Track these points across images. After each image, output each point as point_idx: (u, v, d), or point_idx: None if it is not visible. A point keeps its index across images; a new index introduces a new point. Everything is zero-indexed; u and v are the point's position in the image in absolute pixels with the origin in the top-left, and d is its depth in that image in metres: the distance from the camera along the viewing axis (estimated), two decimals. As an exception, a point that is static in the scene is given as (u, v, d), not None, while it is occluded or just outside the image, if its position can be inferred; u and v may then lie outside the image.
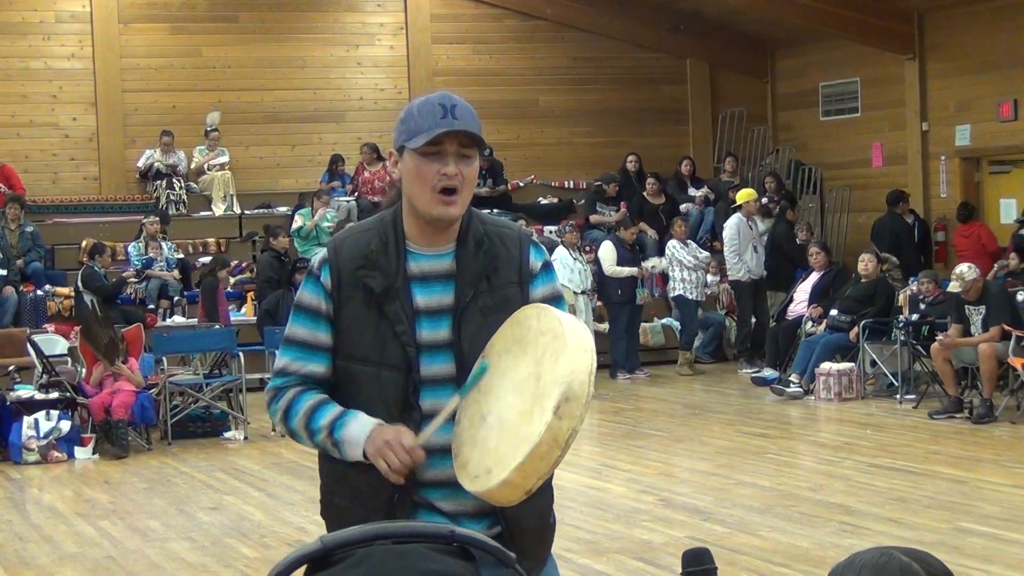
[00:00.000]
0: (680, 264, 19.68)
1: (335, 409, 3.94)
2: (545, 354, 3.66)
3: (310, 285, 4.03)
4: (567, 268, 18.85)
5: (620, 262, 19.22)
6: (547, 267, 4.12)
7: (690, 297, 19.73)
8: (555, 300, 4.03)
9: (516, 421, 3.63)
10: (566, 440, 3.54)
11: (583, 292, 19.01)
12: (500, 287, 3.99)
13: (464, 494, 3.82)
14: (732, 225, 19.76)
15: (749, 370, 19.07)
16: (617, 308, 19.44)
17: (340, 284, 3.97)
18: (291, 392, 4.01)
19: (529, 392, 3.64)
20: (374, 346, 3.89)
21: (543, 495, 3.97)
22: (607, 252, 19.36)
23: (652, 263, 20.67)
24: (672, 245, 19.88)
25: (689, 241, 20.19)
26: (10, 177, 20.84)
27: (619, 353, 19.46)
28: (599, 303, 19.96)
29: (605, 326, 19.67)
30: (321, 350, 4.00)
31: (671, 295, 20.06)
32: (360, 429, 3.84)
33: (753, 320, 19.89)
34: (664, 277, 20.74)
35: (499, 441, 3.66)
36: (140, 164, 21.85)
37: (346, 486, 3.98)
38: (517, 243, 4.07)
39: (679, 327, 20.36)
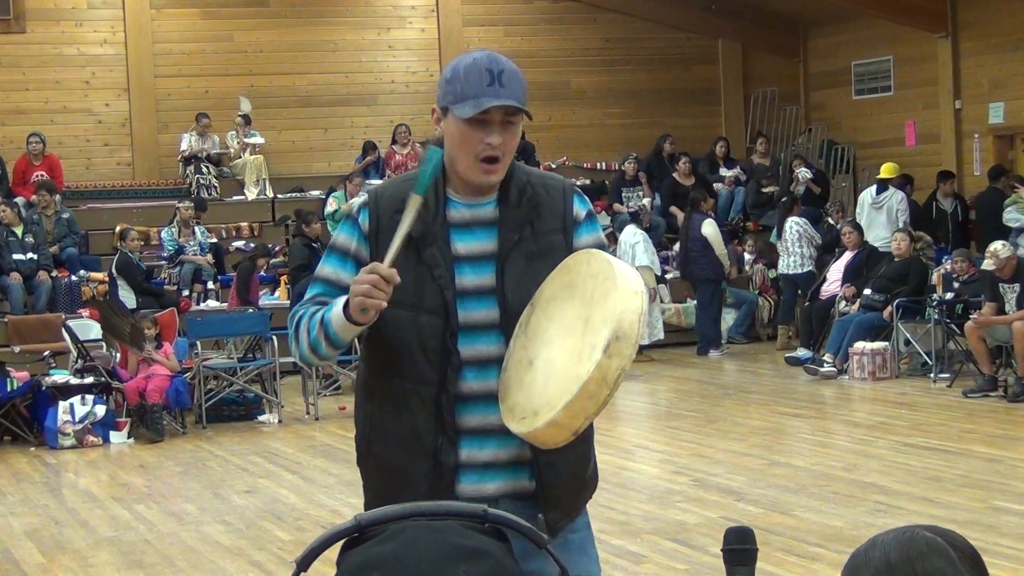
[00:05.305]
0: (810, 241, 19.54)
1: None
2: (595, 295, 3.65)
3: (346, 227, 4.04)
4: (650, 252, 19.00)
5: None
6: (591, 216, 4.11)
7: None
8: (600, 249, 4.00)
9: (564, 362, 3.62)
10: (615, 379, 3.52)
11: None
12: (543, 234, 3.97)
13: (505, 442, 3.85)
14: (905, 198, 19.62)
15: None
16: (712, 286, 19.54)
17: (379, 229, 3.96)
18: (301, 311, 4.00)
19: (578, 333, 3.63)
20: (412, 290, 3.85)
21: (581, 446, 3.96)
22: (714, 231, 19.42)
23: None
24: (798, 222, 19.66)
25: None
26: (54, 167, 20.93)
27: (713, 329, 19.60)
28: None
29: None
30: (344, 290, 3.95)
31: (792, 272, 19.68)
32: (340, 300, 3.83)
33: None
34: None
35: (546, 383, 3.64)
36: (184, 149, 21.81)
37: (385, 434, 3.98)
38: (560, 192, 4.06)
39: (777, 305, 20.47)
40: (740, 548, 2.89)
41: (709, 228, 19.41)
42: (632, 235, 19.09)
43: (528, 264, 3.92)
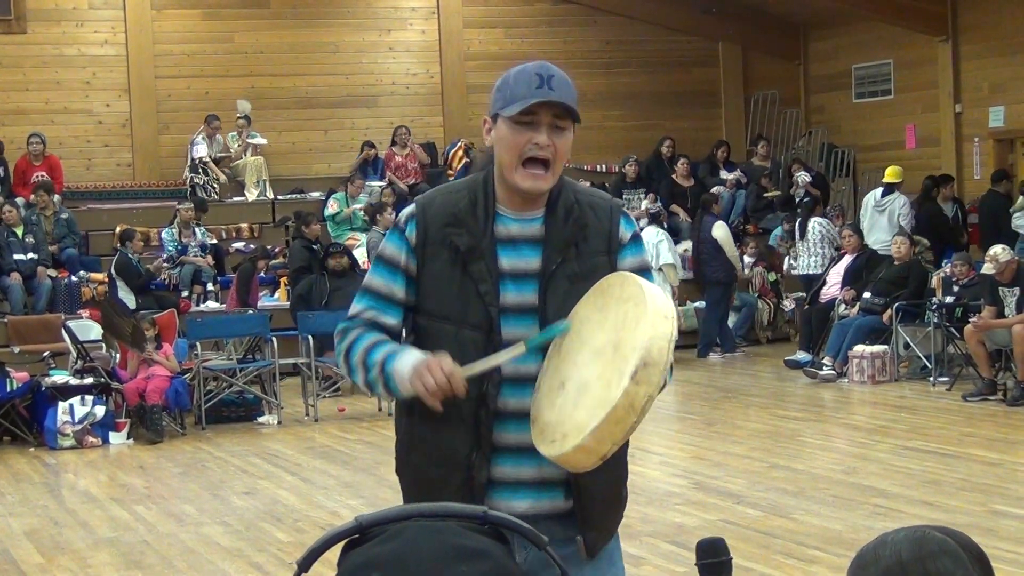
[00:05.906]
0: (831, 242, 19.52)
1: (393, 345, 3.94)
2: (626, 321, 3.65)
3: (394, 238, 4.02)
4: (673, 251, 19.01)
5: None
6: (636, 238, 4.10)
7: None
8: (643, 272, 3.99)
9: (594, 387, 3.63)
10: (643, 406, 3.54)
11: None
12: (589, 255, 3.97)
13: (539, 461, 3.82)
14: (908, 203, 19.53)
15: None
16: (722, 289, 19.56)
17: (426, 241, 3.95)
18: (356, 331, 3.99)
19: (608, 358, 3.64)
20: (456, 305, 3.88)
21: (616, 467, 3.98)
22: (725, 233, 19.45)
23: (684, 247, 20.64)
24: (821, 223, 19.68)
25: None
26: (54, 168, 20.92)
27: (716, 331, 19.59)
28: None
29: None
30: (394, 303, 3.98)
31: (813, 272, 19.58)
32: (409, 360, 3.81)
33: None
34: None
35: (576, 407, 3.65)
36: (203, 155, 21.77)
37: (422, 445, 3.99)
38: (608, 212, 4.04)
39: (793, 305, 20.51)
40: (714, 562, 2.88)
41: (720, 231, 19.42)
42: (655, 235, 19.13)
43: (571, 285, 3.92)
